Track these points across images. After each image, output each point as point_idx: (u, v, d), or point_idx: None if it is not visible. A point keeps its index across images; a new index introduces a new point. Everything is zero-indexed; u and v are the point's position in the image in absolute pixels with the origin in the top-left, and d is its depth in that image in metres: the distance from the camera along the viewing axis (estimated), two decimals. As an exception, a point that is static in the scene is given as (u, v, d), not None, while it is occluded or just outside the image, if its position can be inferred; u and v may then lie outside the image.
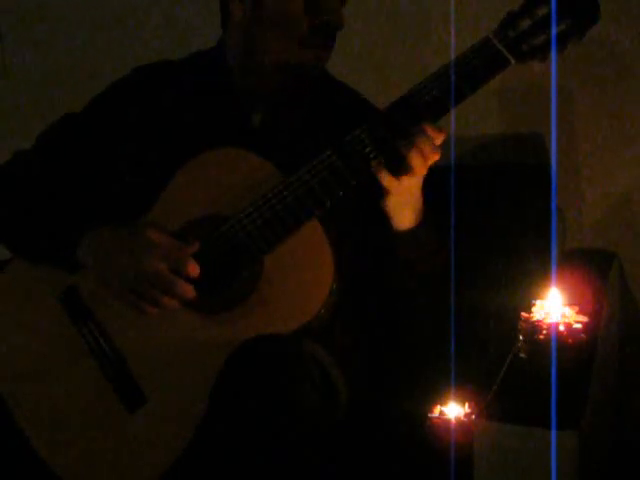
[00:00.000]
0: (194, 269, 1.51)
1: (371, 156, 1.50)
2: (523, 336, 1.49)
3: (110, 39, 2.36)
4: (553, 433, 1.29)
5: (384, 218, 1.59)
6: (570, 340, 1.47)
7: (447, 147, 1.55)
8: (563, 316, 1.50)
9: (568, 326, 1.48)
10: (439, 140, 1.50)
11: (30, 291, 1.62)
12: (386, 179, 1.51)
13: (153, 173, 1.60)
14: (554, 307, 1.52)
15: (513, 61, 1.47)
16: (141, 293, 1.51)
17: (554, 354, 1.43)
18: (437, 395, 1.61)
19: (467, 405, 1.59)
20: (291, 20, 1.57)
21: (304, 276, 1.52)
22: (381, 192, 1.54)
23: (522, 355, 1.49)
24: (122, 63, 1.81)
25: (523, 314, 1.51)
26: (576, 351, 1.47)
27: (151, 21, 2.33)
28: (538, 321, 1.49)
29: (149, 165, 1.63)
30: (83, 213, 1.59)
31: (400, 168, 1.50)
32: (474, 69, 1.47)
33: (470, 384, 1.59)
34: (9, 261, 1.66)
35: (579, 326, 1.49)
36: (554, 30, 1.44)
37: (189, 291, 1.51)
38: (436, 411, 1.59)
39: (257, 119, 1.66)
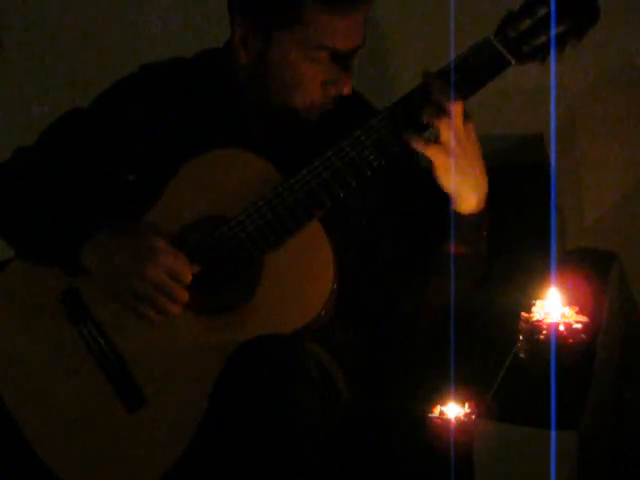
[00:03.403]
0: (188, 276, 1.52)
1: (371, 158, 1.51)
2: (523, 336, 1.49)
3: (112, 37, 2.36)
4: (553, 433, 1.29)
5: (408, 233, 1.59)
6: (570, 340, 1.47)
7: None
8: (563, 316, 1.50)
9: (568, 326, 1.48)
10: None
11: (30, 291, 1.62)
12: (429, 150, 1.49)
13: (155, 172, 1.61)
14: (554, 307, 1.52)
15: (513, 62, 1.47)
16: (142, 297, 1.51)
17: (554, 354, 1.43)
18: (437, 395, 1.61)
19: (467, 405, 1.59)
20: (298, 82, 1.56)
21: (304, 277, 1.52)
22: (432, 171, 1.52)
23: (522, 355, 1.49)
24: (125, 60, 1.81)
25: (523, 314, 1.51)
26: (576, 351, 1.47)
27: (153, 19, 2.33)
28: (538, 321, 1.49)
29: (151, 163, 1.63)
30: (86, 212, 1.59)
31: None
32: (474, 70, 1.47)
33: (470, 384, 1.59)
34: (9, 261, 1.66)
35: (579, 326, 1.49)
36: (553, 30, 1.44)
37: (185, 296, 1.52)
38: (436, 411, 1.59)
39: (256, 129, 1.67)
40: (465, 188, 1.52)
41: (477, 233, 1.57)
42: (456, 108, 1.46)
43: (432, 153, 1.49)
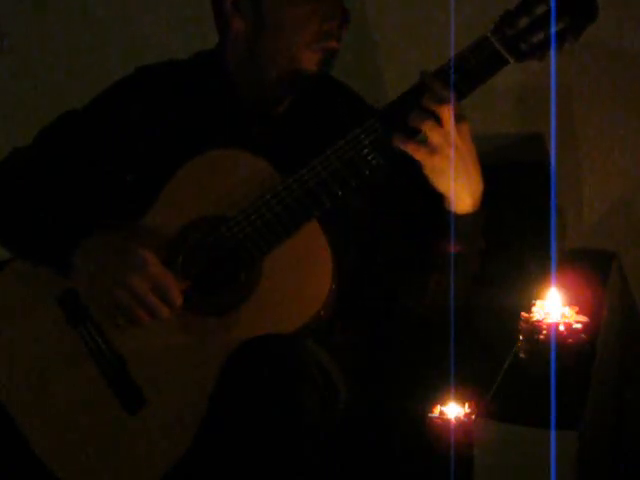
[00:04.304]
0: (178, 299, 1.50)
1: (369, 157, 1.51)
2: (523, 336, 1.49)
3: (111, 37, 2.36)
4: (552, 433, 1.29)
5: (405, 230, 1.59)
6: (570, 340, 1.47)
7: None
8: (563, 316, 1.50)
9: (568, 326, 1.48)
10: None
11: (29, 292, 1.62)
12: (418, 153, 1.49)
13: (152, 173, 1.60)
14: (554, 307, 1.52)
15: (512, 60, 1.46)
16: (119, 306, 1.51)
17: (554, 354, 1.43)
18: (437, 395, 1.61)
19: (467, 405, 1.59)
20: (297, 25, 1.57)
21: (303, 277, 1.52)
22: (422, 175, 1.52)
23: (522, 355, 1.49)
24: (123, 61, 1.80)
25: (523, 314, 1.51)
26: (576, 351, 1.47)
27: (153, 18, 2.33)
28: (538, 321, 1.49)
29: (149, 165, 1.63)
30: (83, 214, 1.59)
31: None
32: (472, 68, 1.47)
33: (470, 384, 1.59)
34: (8, 261, 1.66)
35: (579, 326, 1.49)
36: (553, 28, 1.44)
37: (166, 313, 1.50)
38: (436, 411, 1.59)
39: (255, 129, 1.66)
40: (459, 189, 1.52)
41: (473, 232, 1.57)
42: (446, 112, 1.46)
43: (421, 156, 1.49)
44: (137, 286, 1.49)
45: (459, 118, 1.47)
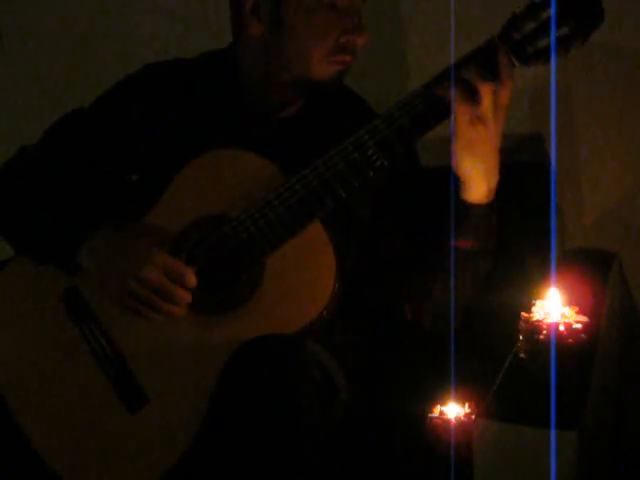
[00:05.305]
0: (192, 279, 1.51)
1: (374, 158, 1.51)
2: (523, 336, 1.50)
3: (114, 37, 2.36)
4: (553, 433, 1.29)
5: (405, 231, 1.60)
6: (570, 340, 1.47)
7: (447, 147, 1.55)
8: (563, 316, 1.50)
9: (568, 326, 1.48)
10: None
11: (31, 290, 1.62)
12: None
13: (156, 172, 1.61)
14: (554, 307, 1.52)
15: (517, 64, 1.47)
16: (139, 298, 1.51)
17: (554, 354, 1.43)
18: (437, 395, 1.61)
19: (467, 405, 1.59)
20: (316, 35, 1.56)
21: (306, 277, 1.52)
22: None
23: (522, 355, 1.49)
24: (124, 61, 1.80)
25: (523, 314, 1.51)
26: (576, 351, 1.47)
27: (155, 18, 2.33)
28: (538, 321, 1.49)
29: (152, 163, 1.64)
30: (87, 212, 1.59)
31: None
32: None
33: (470, 384, 1.59)
34: (9, 261, 1.66)
35: (579, 326, 1.49)
36: (554, 33, 1.44)
37: (187, 297, 1.51)
38: (436, 411, 1.59)
39: (255, 130, 1.67)
40: (478, 172, 1.51)
41: (485, 227, 1.56)
42: (507, 85, 1.46)
43: (464, 123, 1.47)
44: (148, 275, 1.49)
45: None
